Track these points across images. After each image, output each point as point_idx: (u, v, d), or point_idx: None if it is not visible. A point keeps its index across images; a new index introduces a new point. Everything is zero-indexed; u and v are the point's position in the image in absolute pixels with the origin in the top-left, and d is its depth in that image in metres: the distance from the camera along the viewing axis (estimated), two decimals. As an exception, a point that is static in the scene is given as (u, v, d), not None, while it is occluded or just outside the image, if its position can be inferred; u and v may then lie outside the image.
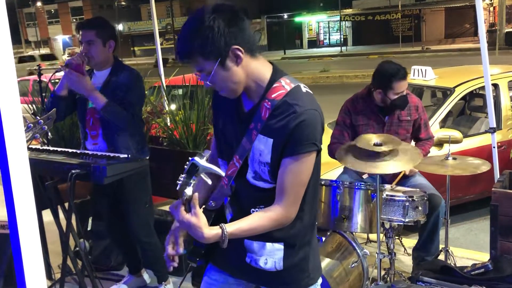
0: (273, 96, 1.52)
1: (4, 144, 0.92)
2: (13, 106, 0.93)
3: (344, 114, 3.30)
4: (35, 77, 5.67)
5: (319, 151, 1.55)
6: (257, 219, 1.54)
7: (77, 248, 2.90)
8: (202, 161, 1.44)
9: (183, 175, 1.45)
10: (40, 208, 3.10)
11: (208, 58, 1.47)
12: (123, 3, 43.67)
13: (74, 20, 46.79)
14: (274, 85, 1.54)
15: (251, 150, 1.56)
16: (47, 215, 2.99)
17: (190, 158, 1.46)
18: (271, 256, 1.64)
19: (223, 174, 1.50)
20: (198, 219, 1.46)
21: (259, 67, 1.55)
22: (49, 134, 2.67)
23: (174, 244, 1.64)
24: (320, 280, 1.75)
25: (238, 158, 1.59)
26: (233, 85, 1.53)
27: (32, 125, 2.46)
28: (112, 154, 2.67)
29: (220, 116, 1.69)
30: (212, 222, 1.54)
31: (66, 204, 2.82)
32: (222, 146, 1.67)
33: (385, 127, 3.22)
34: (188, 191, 1.44)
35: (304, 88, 1.55)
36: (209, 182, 1.51)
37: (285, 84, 1.54)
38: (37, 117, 2.48)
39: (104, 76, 2.92)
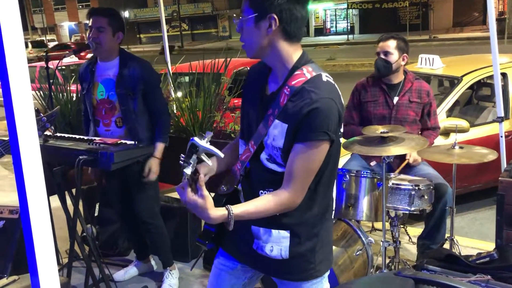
0: (293, 83, 1.54)
1: (16, 131, 0.93)
2: (24, 93, 0.94)
3: (353, 95, 3.40)
4: (42, 63, 5.69)
5: (333, 142, 1.54)
6: (264, 202, 1.55)
7: (84, 234, 2.93)
8: (202, 142, 1.44)
9: (183, 155, 1.46)
10: (48, 194, 3.13)
11: (251, 5, 1.53)
12: (129, -11, 43.44)
13: (80, 6, 46.67)
14: (296, 72, 1.55)
15: (266, 135, 1.58)
16: (54, 200, 3.02)
17: (191, 138, 1.47)
18: (277, 243, 1.64)
19: (221, 155, 1.50)
20: (205, 200, 1.47)
21: (289, 51, 1.56)
22: (53, 129, 2.69)
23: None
24: (327, 273, 1.75)
25: (253, 144, 1.62)
26: (253, 44, 1.57)
27: None
28: (119, 141, 2.68)
29: (247, 98, 1.72)
30: (223, 206, 1.54)
31: (74, 190, 2.84)
32: (244, 127, 1.70)
33: (393, 108, 3.24)
34: (188, 170, 1.44)
35: (325, 77, 1.55)
36: (209, 163, 1.52)
37: (306, 72, 1.55)
38: (41, 114, 2.50)
39: (114, 67, 2.94)
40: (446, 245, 3.15)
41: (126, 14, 40.24)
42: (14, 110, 0.92)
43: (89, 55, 3.09)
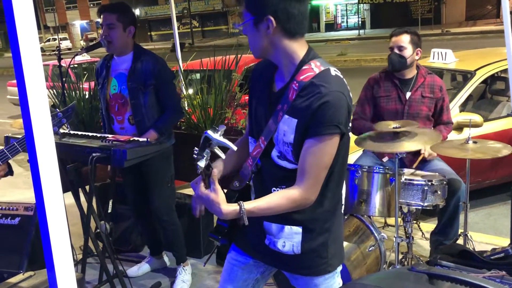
0: (301, 78, 1.53)
1: (31, 128, 0.94)
2: (39, 92, 0.95)
3: (366, 89, 3.39)
4: (54, 61, 5.74)
5: (343, 135, 1.53)
6: (276, 198, 1.55)
7: (98, 230, 2.96)
8: (215, 135, 1.46)
9: (197, 149, 1.48)
10: (62, 191, 3.16)
11: (248, 9, 1.55)
12: (139, -13, 43.60)
13: (92, 5, 46.94)
14: (304, 67, 1.55)
15: (276, 131, 1.58)
16: (68, 197, 3.05)
17: (204, 132, 1.48)
18: (289, 239, 1.65)
19: (235, 148, 1.52)
20: (217, 194, 1.49)
21: (293, 47, 1.56)
22: (69, 126, 2.71)
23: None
24: (340, 268, 1.76)
25: (264, 139, 1.62)
26: (256, 45, 1.58)
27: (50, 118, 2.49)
28: (132, 138, 2.70)
29: (254, 95, 1.72)
30: (235, 202, 1.55)
31: (87, 187, 2.87)
32: (253, 124, 1.70)
33: (406, 103, 3.22)
34: (201, 163, 1.46)
35: (334, 72, 1.55)
36: (222, 156, 1.53)
37: (315, 67, 1.54)
38: (57, 109, 2.52)
39: (127, 62, 2.96)
40: (460, 241, 3.13)
41: (137, 12, 40.39)
42: (29, 108, 0.93)
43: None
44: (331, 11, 39.40)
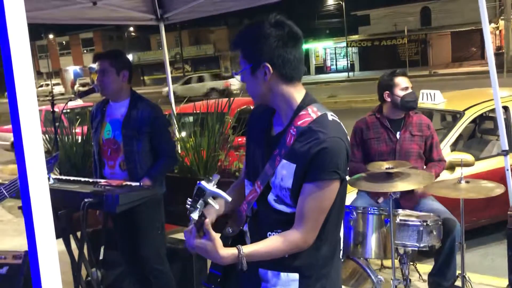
0: (299, 123, 1.54)
1: (26, 174, 0.93)
2: (34, 137, 0.95)
3: (355, 133, 3.38)
4: (47, 107, 5.76)
5: (342, 180, 1.53)
6: (274, 242, 1.53)
7: (89, 278, 2.89)
8: (209, 186, 1.44)
9: (190, 200, 1.45)
10: (53, 237, 3.10)
11: (244, 57, 1.56)
12: (132, 33, 44.57)
13: (85, 51, 47.75)
14: (301, 113, 1.56)
15: (274, 175, 1.57)
16: (58, 244, 2.99)
17: (197, 182, 1.46)
18: (286, 287, 1.60)
19: (229, 199, 1.50)
20: (213, 242, 1.46)
21: (290, 92, 1.58)
22: (56, 171, 2.69)
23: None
24: None
25: (260, 184, 1.61)
26: (255, 92, 1.60)
27: None
28: (124, 183, 2.68)
29: (252, 138, 1.72)
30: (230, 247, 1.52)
31: (78, 234, 2.82)
32: (250, 167, 1.69)
33: (397, 143, 3.24)
34: (195, 215, 1.43)
35: (331, 117, 1.56)
36: (216, 207, 1.51)
37: (312, 112, 1.55)
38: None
39: (123, 108, 2.97)
40: (458, 282, 3.08)
41: (130, 57, 40.98)
42: (24, 153, 0.93)
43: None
44: (321, 55, 40.34)
